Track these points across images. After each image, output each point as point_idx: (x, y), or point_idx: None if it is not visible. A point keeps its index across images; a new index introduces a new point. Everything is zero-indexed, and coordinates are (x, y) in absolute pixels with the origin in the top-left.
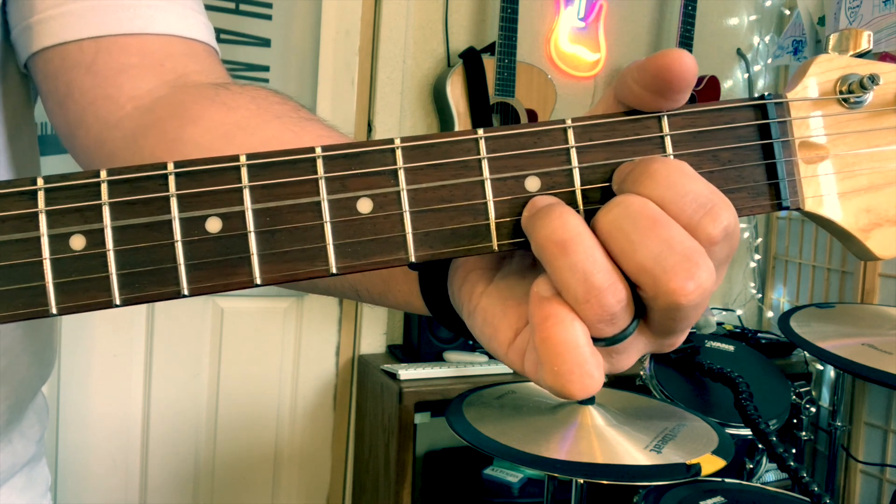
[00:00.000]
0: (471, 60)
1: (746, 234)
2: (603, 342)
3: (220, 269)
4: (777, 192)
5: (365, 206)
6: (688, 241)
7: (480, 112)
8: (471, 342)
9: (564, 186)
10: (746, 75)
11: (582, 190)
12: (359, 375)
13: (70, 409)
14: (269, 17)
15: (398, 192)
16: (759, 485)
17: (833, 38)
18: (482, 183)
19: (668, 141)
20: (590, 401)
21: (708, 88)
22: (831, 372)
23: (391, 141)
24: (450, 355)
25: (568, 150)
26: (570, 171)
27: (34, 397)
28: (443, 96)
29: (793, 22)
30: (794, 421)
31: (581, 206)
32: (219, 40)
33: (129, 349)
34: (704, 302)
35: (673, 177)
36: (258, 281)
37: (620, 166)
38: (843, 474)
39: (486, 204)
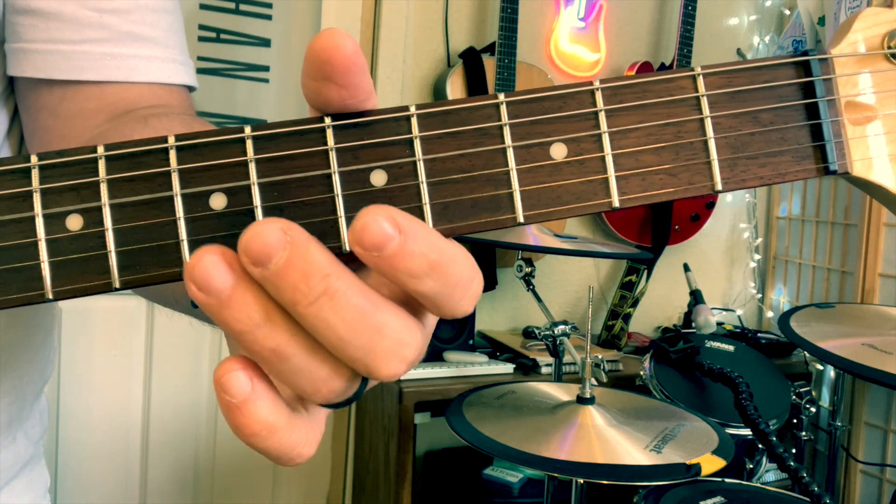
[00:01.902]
0: (471, 60)
1: (746, 234)
2: (333, 406)
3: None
4: (823, 154)
5: (379, 178)
6: (397, 321)
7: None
8: (471, 342)
9: (593, 152)
10: None
11: (613, 156)
12: None
13: (70, 409)
14: (269, 17)
15: (414, 163)
16: (759, 485)
17: None
18: (504, 151)
19: (703, 101)
20: (590, 401)
21: None
22: (831, 372)
23: (406, 108)
24: (450, 355)
25: (596, 113)
26: (600, 136)
27: (37, 397)
28: (443, 96)
29: (793, 22)
30: (794, 421)
31: (612, 174)
32: (219, 40)
33: (129, 349)
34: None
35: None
36: None
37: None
38: (843, 474)
39: (508, 173)
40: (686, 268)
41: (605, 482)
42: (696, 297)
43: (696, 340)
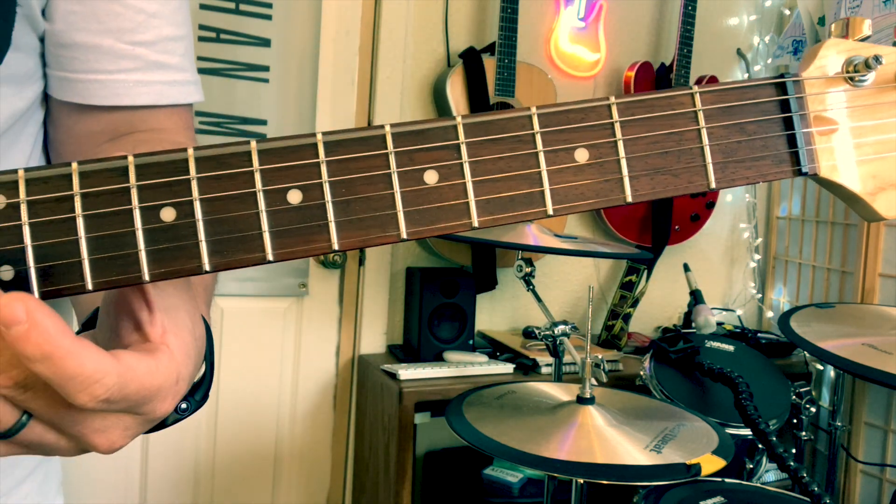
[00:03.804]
0: (471, 60)
1: (746, 234)
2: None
3: (301, 237)
4: (797, 159)
5: (431, 177)
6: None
7: (480, 112)
8: (471, 342)
9: (611, 156)
10: (746, 75)
11: (627, 159)
12: (359, 375)
13: None
14: (269, 17)
15: (461, 164)
16: (759, 485)
17: (836, 26)
18: (536, 155)
19: (700, 115)
20: (590, 401)
21: None
22: (831, 372)
23: (453, 118)
24: (450, 355)
25: (612, 124)
26: (615, 143)
27: None
28: (443, 96)
29: (793, 22)
30: (794, 421)
31: (626, 174)
32: (219, 40)
33: None
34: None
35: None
36: (336, 246)
37: None
38: (843, 474)
39: (540, 173)
40: (686, 268)
41: (605, 482)
42: (696, 297)
43: (696, 340)
